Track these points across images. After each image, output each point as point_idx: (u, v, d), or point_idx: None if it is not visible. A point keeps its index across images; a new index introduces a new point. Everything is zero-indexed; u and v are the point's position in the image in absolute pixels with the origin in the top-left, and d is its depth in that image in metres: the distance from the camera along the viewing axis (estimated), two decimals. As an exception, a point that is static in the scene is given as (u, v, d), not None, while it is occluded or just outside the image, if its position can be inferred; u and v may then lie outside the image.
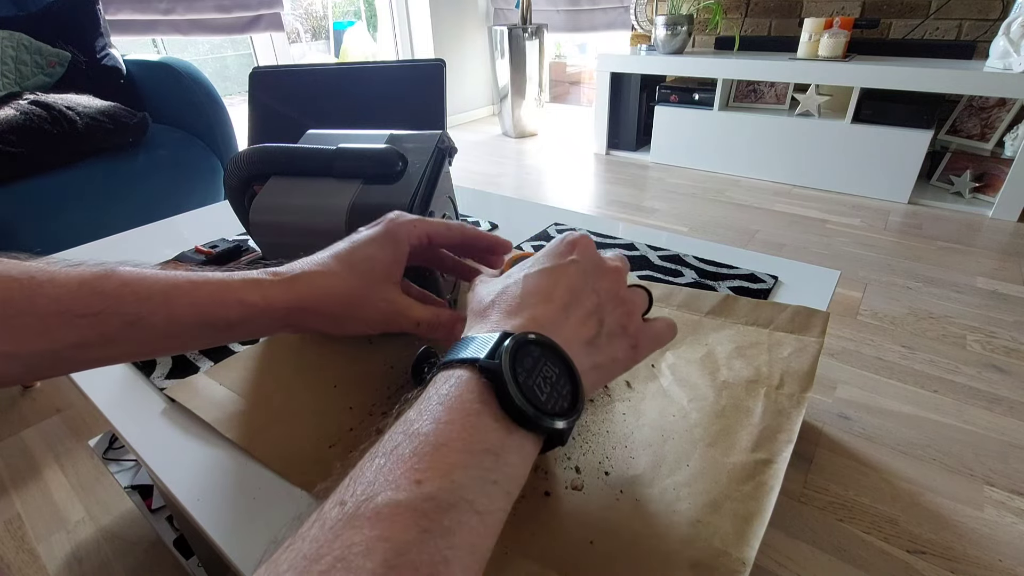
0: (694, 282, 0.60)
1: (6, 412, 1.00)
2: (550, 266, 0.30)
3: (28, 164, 1.06)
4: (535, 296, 0.29)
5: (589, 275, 0.31)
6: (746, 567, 0.30)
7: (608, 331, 0.30)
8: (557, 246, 0.32)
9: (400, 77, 0.72)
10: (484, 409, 0.23)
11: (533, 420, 0.23)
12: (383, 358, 0.48)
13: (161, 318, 0.30)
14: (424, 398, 0.24)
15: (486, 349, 0.24)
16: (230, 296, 0.31)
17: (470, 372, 0.24)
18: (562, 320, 0.28)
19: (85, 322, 0.28)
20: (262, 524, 0.34)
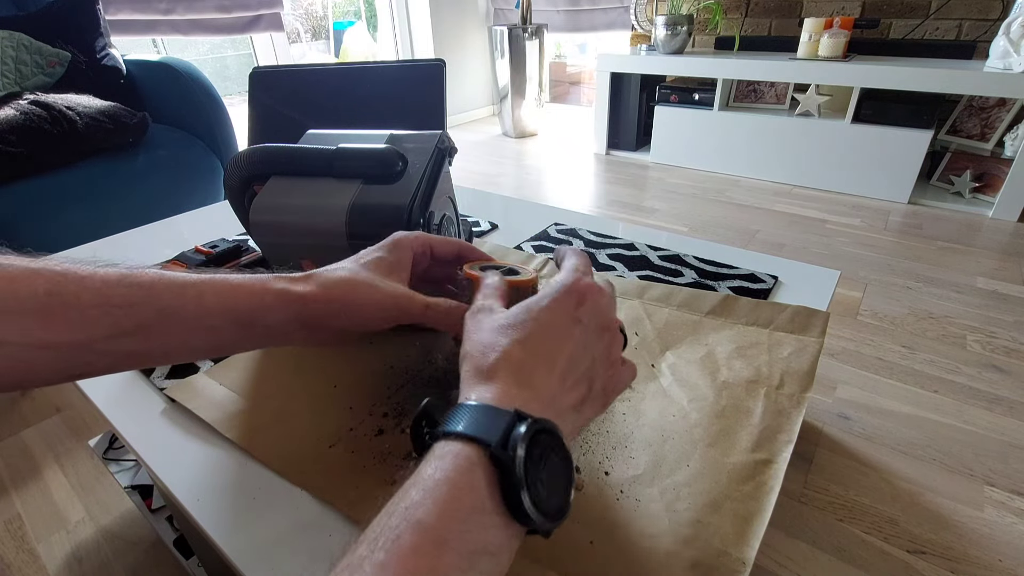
0: (694, 282, 0.60)
1: (6, 412, 1.00)
2: (553, 329, 0.30)
3: (28, 164, 1.06)
4: (540, 363, 0.28)
5: (590, 339, 0.31)
6: (746, 567, 0.30)
7: (594, 395, 0.31)
8: (565, 299, 0.31)
9: (400, 77, 0.72)
10: (490, 506, 0.23)
11: (536, 521, 0.23)
12: (383, 358, 0.48)
13: (192, 309, 0.31)
14: (429, 476, 0.23)
15: (497, 431, 0.24)
16: (257, 285, 0.34)
17: (479, 455, 0.23)
18: (559, 391, 0.29)
19: (121, 312, 0.29)
20: (262, 524, 0.34)
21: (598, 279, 0.34)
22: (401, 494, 0.22)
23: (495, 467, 0.23)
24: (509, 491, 0.23)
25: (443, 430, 0.25)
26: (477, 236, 0.74)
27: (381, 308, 0.36)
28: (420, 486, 0.22)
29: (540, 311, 0.30)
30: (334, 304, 0.35)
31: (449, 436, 0.24)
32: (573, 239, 0.72)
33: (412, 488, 0.22)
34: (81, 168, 1.13)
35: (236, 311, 0.32)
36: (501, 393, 0.27)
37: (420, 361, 0.47)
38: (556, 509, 0.24)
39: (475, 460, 0.23)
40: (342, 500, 0.35)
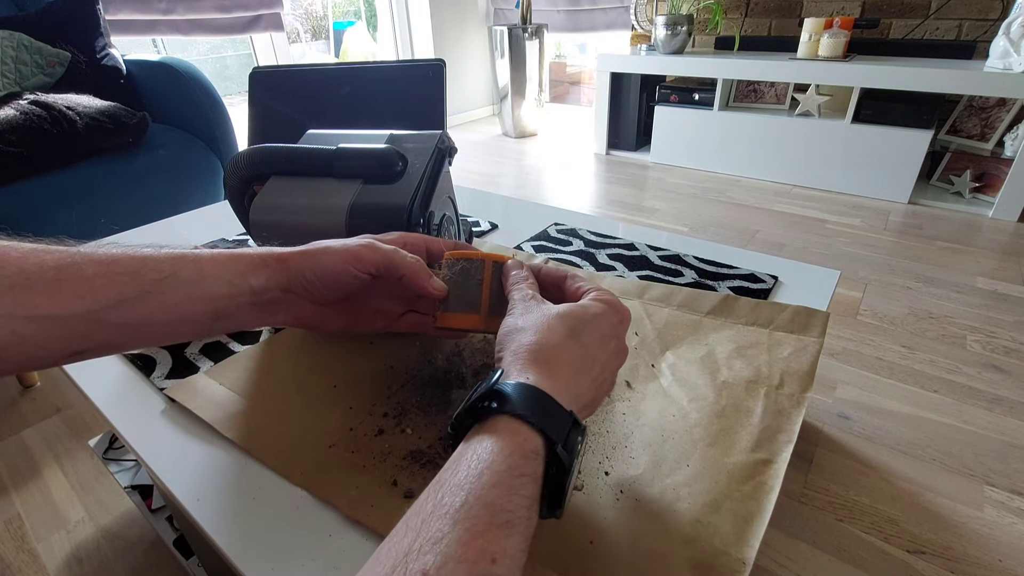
0: (694, 282, 0.60)
1: (6, 412, 1.00)
2: (602, 338, 0.33)
3: (28, 164, 1.05)
4: (586, 365, 0.31)
5: (613, 354, 0.34)
6: (746, 567, 0.30)
7: (593, 404, 0.33)
8: (613, 315, 0.34)
9: (400, 77, 0.72)
10: (538, 496, 0.25)
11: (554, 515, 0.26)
12: (383, 358, 0.48)
13: (190, 272, 0.34)
14: (503, 455, 0.24)
15: (561, 430, 0.26)
16: (244, 252, 0.37)
17: (542, 448, 0.25)
18: (587, 391, 0.31)
19: (123, 279, 0.31)
20: (262, 524, 0.34)
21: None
22: (474, 470, 0.23)
23: (550, 460, 0.25)
24: (554, 488, 0.25)
25: (512, 409, 0.26)
26: (477, 236, 0.74)
27: (343, 251, 0.38)
28: (493, 468, 0.23)
29: (594, 316, 0.33)
30: (302, 258, 0.37)
31: (521, 419, 0.26)
32: (573, 239, 0.72)
33: (486, 468, 0.23)
34: (81, 168, 1.13)
35: (227, 273, 0.35)
36: (556, 383, 0.28)
37: (420, 361, 0.47)
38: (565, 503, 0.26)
39: (539, 451, 0.25)
40: (342, 500, 0.35)
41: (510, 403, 0.26)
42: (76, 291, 0.29)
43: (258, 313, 0.37)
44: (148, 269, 0.32)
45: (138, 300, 0.31)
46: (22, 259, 0.29)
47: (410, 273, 0.38)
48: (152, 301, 0.32)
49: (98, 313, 0.30)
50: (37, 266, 0.29)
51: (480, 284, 0.38)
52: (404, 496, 0.35)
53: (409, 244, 0.41)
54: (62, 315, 0.29)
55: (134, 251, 0.33)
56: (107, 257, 0.31)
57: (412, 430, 0.40)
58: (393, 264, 0.38)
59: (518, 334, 0.31)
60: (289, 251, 0.38)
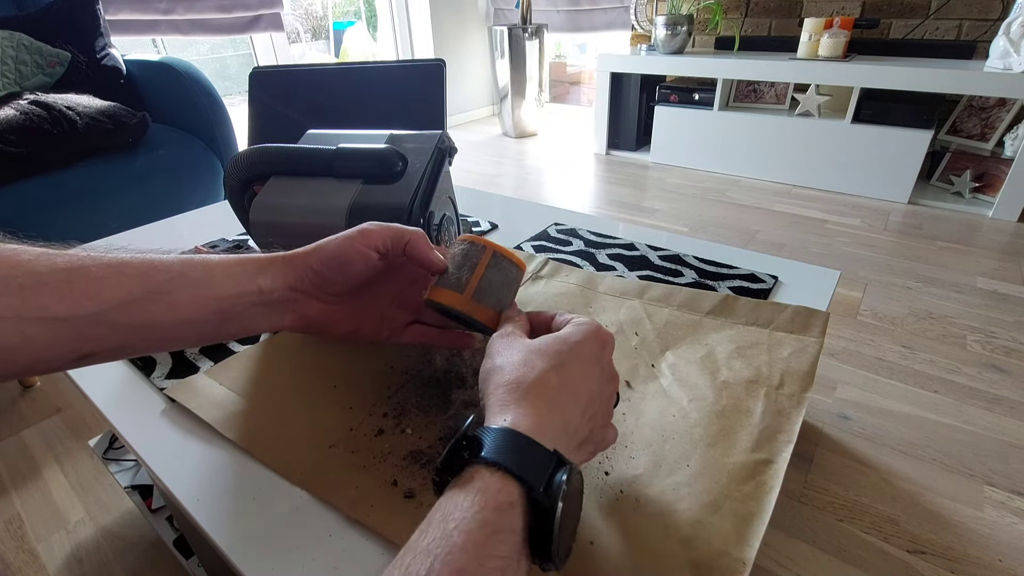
0: (694, 282, 0.60)
1: (6, 412, 1.00)
2: (585, 364, 0.31)
3: (28, 164, 1.05)
4: (569, 396, 0.29)
5: (603, 380, 0.32)
6: (746, 567, 0.30)
7: (592, 438, 0.32)
8: (594, 341, 0.32)
9: (400, 77, 0.72)
10: (523, 550, 0.23)
11: (552, 566, 0.24)
12: (383, 358, 0.48)
13: (198, 273, 0.34)
14: (472, 515, 0.22)
15: (541, 473, 0.24)
16: (254, 255, 0.37)
17: (520, 495, 0.24)
18: (580, 424, 0.30)
19: (132, 280, 0.31)
20: (262, 524, 0.34)
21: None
22: (441, 533, 0.22)
23: (532, 509, 0.24)
24: (539, 536, 0.23)
25: (486, 458, 0.24)
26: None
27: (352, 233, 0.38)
28: (461, 528, 0.22)
29: (576, 343, 0.31)
30: (310, 252, 0.38)
31: (493, 466, 0.24)
32: (573, 239, 0.72)
33: (453, 529, 0.22)
34: (81, 168, 1.13)
35: (235, 273, 0.35)
36: (538, 420, 0.27)
37: (420, 361, 0.47)
38: (567, 552, 0.25)
39: (515, 500, 0.23)
40: (342, 500, 0.35)
41: (483, 449, 0.25)
42: (85, 292, 0.29)
43: (265, 314, 0.37)
44: (156, 270, 0.32)
45: (146, 300, 0.32)
46: (33, 262, 0.29)
47: (415, 238, 0.38)
48: (160, 301, 0.32)
49: (105, 314, 0.30)
50: (48, 268, 0.29)
51: (475, 267, 0.38)
52: (404, 496, 0.35)
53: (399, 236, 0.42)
54: (70, 316, 0.29)
55: (143, 255, 0.33)
56: (116, 260, 0.32)
57: (412, 430, 0.40)
58: (399, 233, 0.38)
59: (496, 374, 0.30)
60: (298, 249, 0.38)
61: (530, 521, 0.24)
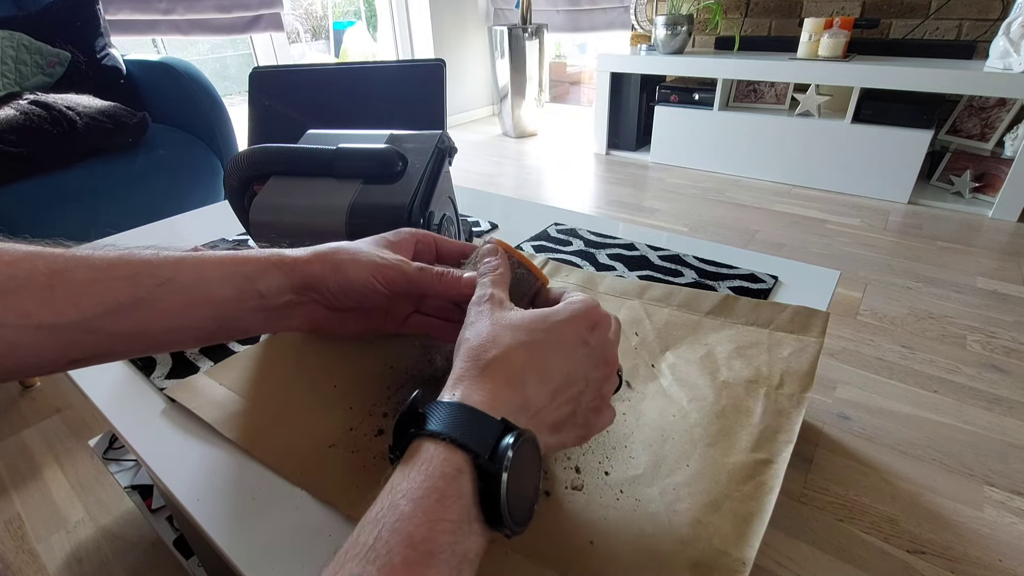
0: (694, 282, 0.60)
1: (6, 412, 1.00)
2: (563, 344, 0.30)
3: (28, 164, 1.05)
4: (536, 373, 0.28)
5: (590, 364, 0.31)
6: (746, 567, 0.30)
7: (576, 420, 0.31)
8: (582, 320, 0.31)
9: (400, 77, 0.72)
10: (474, 513, 0.23)
11: (507, 529, 0.24)
12: (383, 358, 0.48)
13: (191, 276, 0.32)
14: (418, 484, 0.23)
15: (486, 440, 0.24)
16: (253, 254, 0.35)
17: (466, 463, 0.24)
18: (547, 404, 0.29)
19: (119, 284, 0.30)
20: (262, 524, 0.34)
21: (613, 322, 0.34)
22: (390, 504, 0.22)
23: (479, 476, 0.24)
24: (489, 500, 0.23)
25: (431, 430, 0.24)
26: (477, 236, 0.74)
27: (370, 266, 0.36)
28: (409, 496, 0.22)
29: (556, 323, 0.30)
30: (324, 264, 0.35)
31: (435, 437, 0.24)
32: (573, 239, 0.72)
33: (401, 498, 0.22)
34: (81, 168, 1.13)
35: (232, 277, 0.33)
36: (492, 394, 0.26)
37: (420, 361, 0.47)
38: (525, 515, 0.25)
39: (462, 467, 0.23)
40: (342, 500, 0.35)
41: (427, 423, 0.25)
42: (69, 298, 0.28)
43: (266, 319, 0.36)
44: (145, 274, 0.30)
45: (134, 307, 0.30)
46: (13, 264, 0.27)
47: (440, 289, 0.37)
48: (149, 308, 0.30)
49: (92, 321, 0.29)
50: (28, 272, 0.27)
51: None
52: (404, 496, 0.35)
53: (421, 243, 0.41)
54: (55, 323, 0.28)
55: (131, 255, 0.31)
56: (102, 261, 0.30)
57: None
58: (418, 285, 0.37)
59: (462, 344, 0.29)
60: (306, 254, 0.36)
61: (480, 487, 0.24)
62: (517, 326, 0.30)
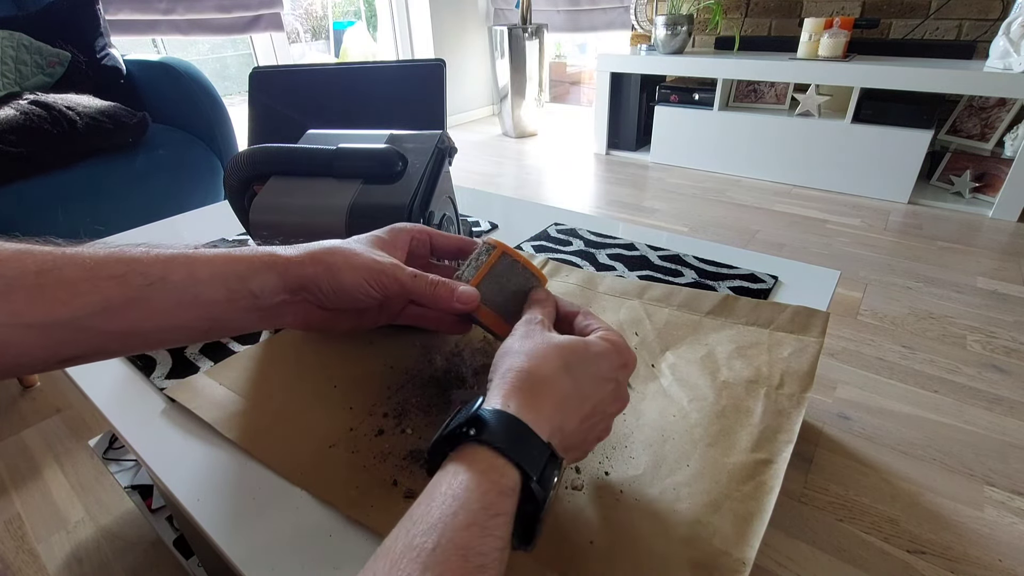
0: (694, 282, 0.60)
1: (6, 412, 1.00)
2: (600, 380, 0.31)
3: (28, 164, 1.05)
4: (575, 403, 0.30)
5: (611, 398, 0.32)
6: (746, 567, 0.30)
7: (583, 445, 0.32)
8: (617, 358, 0.32)
9: (400, 77, 0.72)
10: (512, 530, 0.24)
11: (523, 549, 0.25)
12: (383, 358, 0.48)
13: (181, 276, 0.31)
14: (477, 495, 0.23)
15: (538, 464, 0.25)
16: (245, 252, 0.34)
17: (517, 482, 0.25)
18: (574, 430, 0.30)
19: (109, 284, 0.29)
20: (262, 524, 0.34)
21: None
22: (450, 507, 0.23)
23: (524, 495, 0.25)
24: (526, 522, 0.25)
25: (490, 439, 0.25)
26: (477, 236, 0.74)
27: (363, 270, 0.36)
28: (468, 506, 0.23)
29: (597, 355, 0.32)
30: (318, 266, 0.35)
31: (498, 451, 0.25)
32: (573, 239, 0.72)
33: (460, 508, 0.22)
34: (81, 168, 1.13)
35: (224, 276, 0.33)
36: (542, 415, 0.27)
37: (420, 361, 0.47)
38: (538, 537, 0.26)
39: (515, 487, 0.24)
40: (342, 500, 0.35)
41: (487, 432, 0.25)
42: (58, 297, 0.28)
43: (260, 318, 0.35)
44: (135, 273, 0.30)
45: (125, 307, 0.30)
46: (2, 263, 0.27)
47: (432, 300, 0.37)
48: (140, 307, 0.30)
49: (82, 320, 0.28)
50: (18, 270, 0.27)
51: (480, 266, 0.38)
52: (404, 496, 0.35)
53: (416, 239, 0.41)
54: (45, 322, 0.27)
55: (122, 252, 0.30)
56: (92, 260, 0.29)
57: (412, 430, 0.40)
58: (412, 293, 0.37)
59: (511, 357, 0.30)
60: (299, 254, 0.35)
61: (521, 508, 0.25)
62: (565, 350, 0.31)
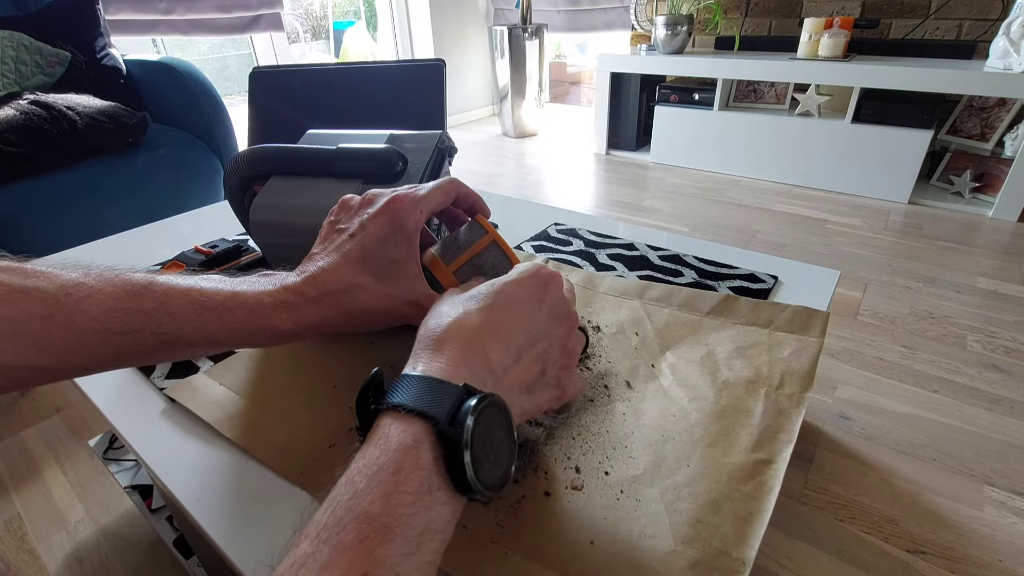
0: (694, 282, 0.60)
1: (6, 412, 1.00)
2: (518, 304, 0.30)
3: (28, 164, 1.06)
4: (494, 334, 0.28)
5: (550, 321, 0.31)
6: (746, 567, 0.30)
7: (545, 380, 0.31)
8: (532, 280, 0.31)
9: (400, 77, 0.72)
10: (436, 482, 0.22)
11: (479, 496, 0.23)
12: (383, 358, 0.48)
13: (197, 339, 0.31)
14: (374, 460, 0.22)
15: (445, 406, 0.24)
16: (264, 324, 0.32)
17: (425, 431, 0.23)
18: (511, 365, 0.28)
19: (122, 339, 0.29)
20: (262, 524, 0.34)
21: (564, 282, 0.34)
22: (346, 482, 0.22)
23: (441, 443, 0.23)
24: (455, 466, 0.23)
25: (388, 403, 0.24)
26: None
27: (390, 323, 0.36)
28: (365, 472, 0.22)
29: (505, 285, 0.30)
30: (346, 325, 0.35)
31: (394, 410, 0.24)
32: (573, 239, 0.72)
33: (356, 475, 0.22)
34: (81, 168, 1.13)
35: (242, 341, 0.32)
36: (451, 362, 0.26)
37: (420, 361, 0.47)
38: (498, 481, 0.24)
39: (420, 437, 0.23)
40: (342, 500, 0.35)
41: (386, 399, 0.24)
42: (69, 345, 0.27)
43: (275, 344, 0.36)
44: (147, 331, 0.29)
45: (138, 357, 0.30)
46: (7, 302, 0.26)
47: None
48: (153, 358, 0.31)
49: (92, 367, 0.29)
50: (24, 316, 0.26)
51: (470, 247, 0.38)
52: (404, 496, 0.35)
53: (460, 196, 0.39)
54: (55, 367, 0.28)
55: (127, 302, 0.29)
56: (99, 310, 0.28)
57: (412, 430, 0.40)
58: None
59: (421, 326, 0.30)
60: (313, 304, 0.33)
61: (445, 455, 0.23)
62: (471, 296, 0.30)
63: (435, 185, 0.38)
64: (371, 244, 0.35)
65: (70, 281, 0.28)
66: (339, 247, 0.36)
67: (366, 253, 0.35)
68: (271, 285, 0.34)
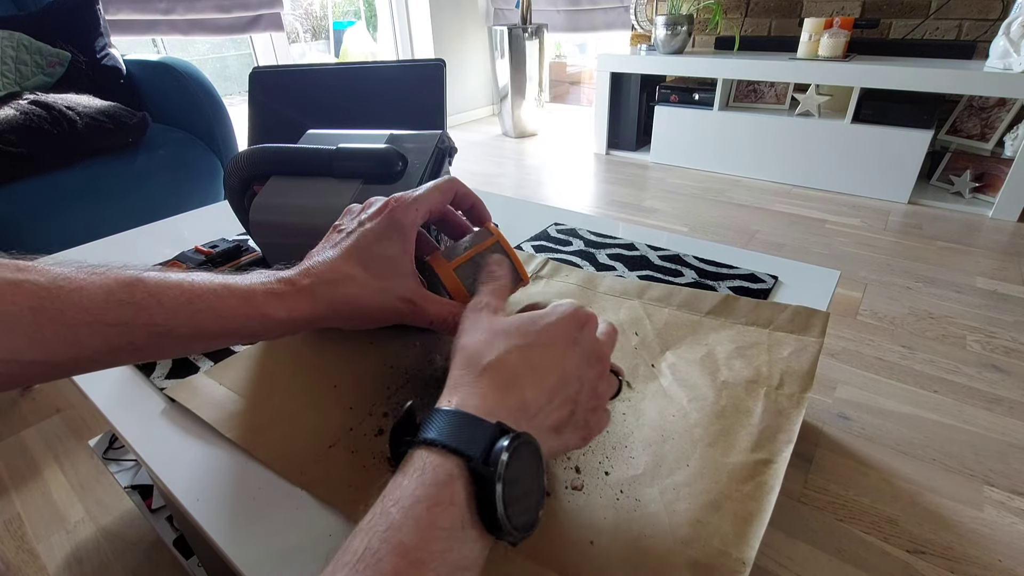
0: (694, 282, 0.60)
1: (6, 412, 1.00)
2: (553, 345, 0.30)
3: (28, 164, 1.06)
4: (530, 376, 0.28)
5: (583, 362, 0.31)
6: (746, 567, 0.30)
7: (575, 421, 0.31)
8: (569, 320, 0.31)
9: (400, 77, 0.72)
10: (468, 520, 0.23)
11: (508, 536, 0.23)
12: (383, 358, 0.48)
13: (187, 330, 0.31)
14: (410, 492, 0.23)
15: (479, 443, 0.24)
16: (254, 311, 0.32)
17: (459, 468, 0.23)
18: (545, 406, 0.28)
19: (114, 331, 0.29)
20: (262, 524, 0.34)
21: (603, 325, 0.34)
22: (381, 512, 0.22)
23: (474, 480, 0.23)
24: (486, 505, 0.23)
25: (422, 437, 0.24)
26: (477, 236, 0.74)
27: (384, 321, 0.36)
28: (400, 504, 0.22)
29: (545, 325, 0.30)
30: (339, 320, 0.35)
31: (428, 445, 0.24)
32: (573, 239, 0.72)
33: (392, 506, 0.22)
34: (81, 168, 1.13)
35: (233, 331, 0.32)
36: (487, 399, 0.26)
37: (420, 361, 0.47)
38: (528, 524, 0.24)
39: (455, 473, 0.23)
40: (342, 500, 0.35)
41: (421, 431, 0.25)
42: (60, 338, 0.27)
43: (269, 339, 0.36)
44: (139, 323, 0.29)
45: (130, 351, 0.30)
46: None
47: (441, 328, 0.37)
48: (146, 353, 0.30)
49: (83, 363, 0.29)
50: (14, 311, 0.26)
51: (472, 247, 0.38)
52: (404, 496, 0.35)
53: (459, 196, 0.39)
54: (46, 361, 0.27)
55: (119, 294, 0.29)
56: (91, 302, 0.28)
57: (412, 430, 0.40)
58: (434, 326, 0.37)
59: (458, 353, 0.30)
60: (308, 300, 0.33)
61: (476, 492, 0.23)
62: (509, 330, 0.30)
63: (432, 185, 0.38)
64: (367, 240, 0.36)
65: (61, 275, 0.28)
66: (336, 244, 0.36)
67: (361, 248, 0.35)
68: (265, 277, 0.34)
